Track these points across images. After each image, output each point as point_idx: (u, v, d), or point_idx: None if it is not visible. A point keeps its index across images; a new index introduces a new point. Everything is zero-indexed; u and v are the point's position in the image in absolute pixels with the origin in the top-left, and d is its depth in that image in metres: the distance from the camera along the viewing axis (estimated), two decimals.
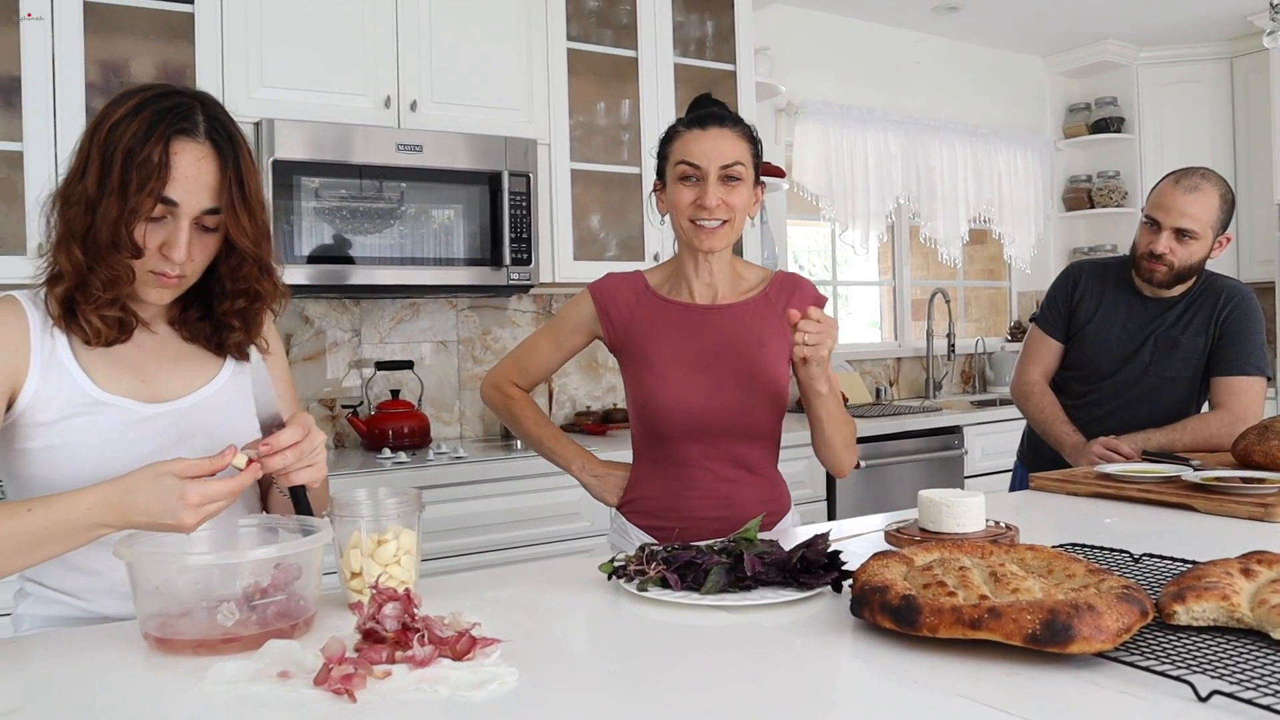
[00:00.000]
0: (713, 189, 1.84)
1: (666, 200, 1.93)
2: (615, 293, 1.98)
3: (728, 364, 1.90)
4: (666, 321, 1.94)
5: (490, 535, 3.04)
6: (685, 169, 1.86)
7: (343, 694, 0.98)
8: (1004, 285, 5.85)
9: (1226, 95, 5.44)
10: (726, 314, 1.94)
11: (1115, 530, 1.70)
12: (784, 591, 1.28)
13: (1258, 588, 1.10)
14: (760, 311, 1.95)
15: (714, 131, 1.87)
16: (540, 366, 2.08)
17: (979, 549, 1.25)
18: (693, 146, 1.86)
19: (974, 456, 4.26)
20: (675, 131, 1.92)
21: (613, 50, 3.74)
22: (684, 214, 1.87)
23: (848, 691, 1.04)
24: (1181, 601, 1.08)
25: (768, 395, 1.91)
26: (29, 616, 1.44)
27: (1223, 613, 1.06)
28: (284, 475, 1.30)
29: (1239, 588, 1.09)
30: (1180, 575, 1.16)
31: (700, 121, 1.89)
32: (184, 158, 1.30)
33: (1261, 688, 0.90)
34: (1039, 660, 1.00)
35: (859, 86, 4.95)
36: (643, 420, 1.95)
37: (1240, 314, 2.56)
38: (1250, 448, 2.13)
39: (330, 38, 3.14)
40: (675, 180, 1.88)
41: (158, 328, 1.46)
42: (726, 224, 1.86)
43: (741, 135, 1.89)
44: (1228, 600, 1.07)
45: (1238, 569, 1.14)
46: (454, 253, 3.29)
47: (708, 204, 1.84)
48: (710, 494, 1.92)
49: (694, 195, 1.85)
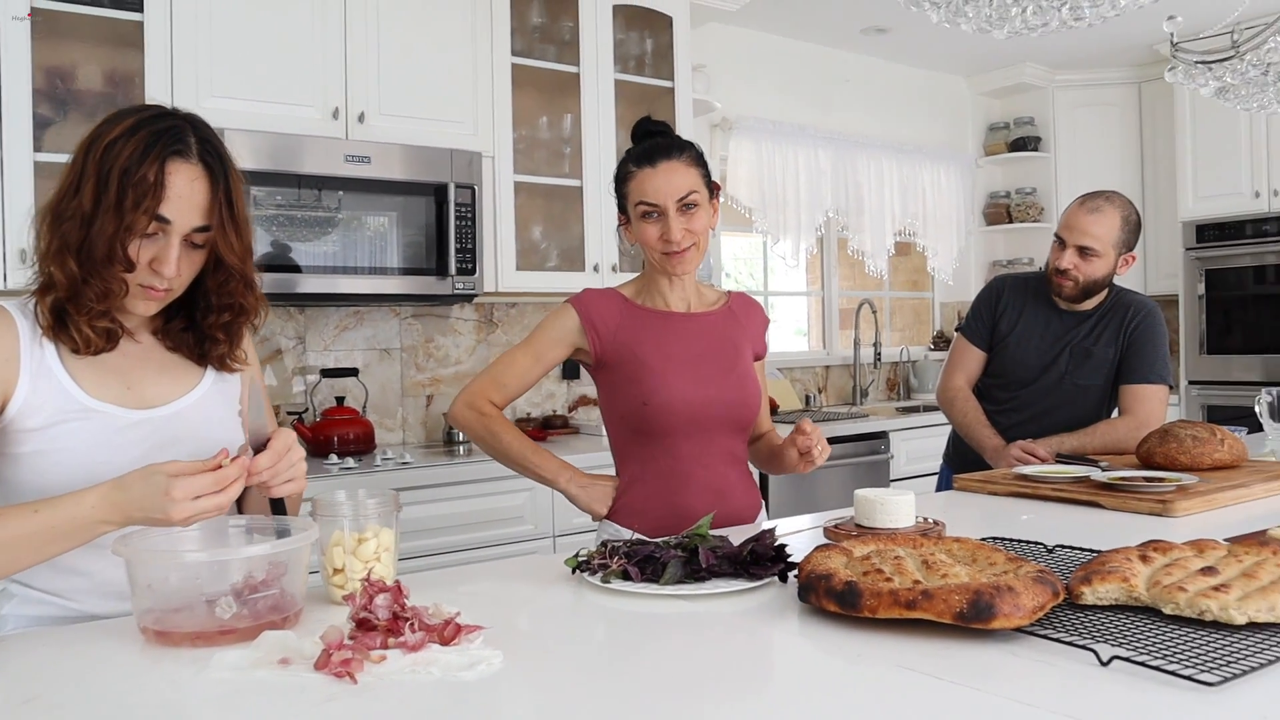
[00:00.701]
0: (674, 223, 1.96)
1: (633, 233, 2.04)
2: (599, 304, 2.06)
3: (715, 362, 2.04)
4: (654, 327, 2.04)
5: (436, 539, 3.11)
6: (645, 208, 1.98)
7: (344, 676, 1.07)
8: (927, 296, 6.07)
9: (1135, 117, 5.72)
10: (704, 320, 2.09)
11: (1032, 525, 1.85)
12: (735, 582, 1.40)
13: (1153, 571, 1.25)
14: (729, 320, 2.11)
15: (663, 167, 1.97)
16: (519, 381, 2.11)
17: (911, 541, 1.38)
18: (647, 186, 1.97)
19: (899, 460, 4.44)
20: (628, 171, 2.02)
21: (555, 66, 3.85)
22: (654, 248, 1.99)
23: (798, 666, 1.16)
24: (1088, 584, 1.22)
25: (751, 392, 2.07)
26: (14, 617, 1.49)
27: (1123, 593, 1.21)
28: (267, 488, 1.38)
29: (1137, 572, 1.24)
30: (1087, 562, 1.30)
31: (649, 158, 1.99)
32: (178, 178, 1.38)
33: (1153, 652, 1.04)
34: (966, 635, 1.13)
35: (791, 104, 5.12)
36: (642, 421, 2.01)
37: (1146, 327, 2.76)
38: (1152, 450, 2.32)
39: (279, 49, 3.20)
40: (638, 218, 2.00)
41: (141, 337, 1.53)
42: (693, 247, 1.99)
43: (690, 162, 2.00)
44: (1127, 582, 1.21)
45: (1136, 556, 1.29)
46: (401, 262, 3.37)
47: (673, 238, 1.96)
48: (706, 488, 2.02)
49: (658, 230, 1.97)
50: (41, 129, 2.97)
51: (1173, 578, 1.20)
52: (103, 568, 1.43)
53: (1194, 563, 1.26)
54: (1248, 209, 5.05)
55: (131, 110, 1.43)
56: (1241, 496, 2.04)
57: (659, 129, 2.08)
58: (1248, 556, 1.28)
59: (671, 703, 1.00)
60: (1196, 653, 1.04)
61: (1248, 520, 1.84)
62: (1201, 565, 1.23)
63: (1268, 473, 2.21)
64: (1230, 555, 1.29)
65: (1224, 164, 5.14)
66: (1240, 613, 1.11)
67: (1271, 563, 1.24)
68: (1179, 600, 1.15)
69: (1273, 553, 1.29)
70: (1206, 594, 1.14)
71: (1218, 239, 5.16)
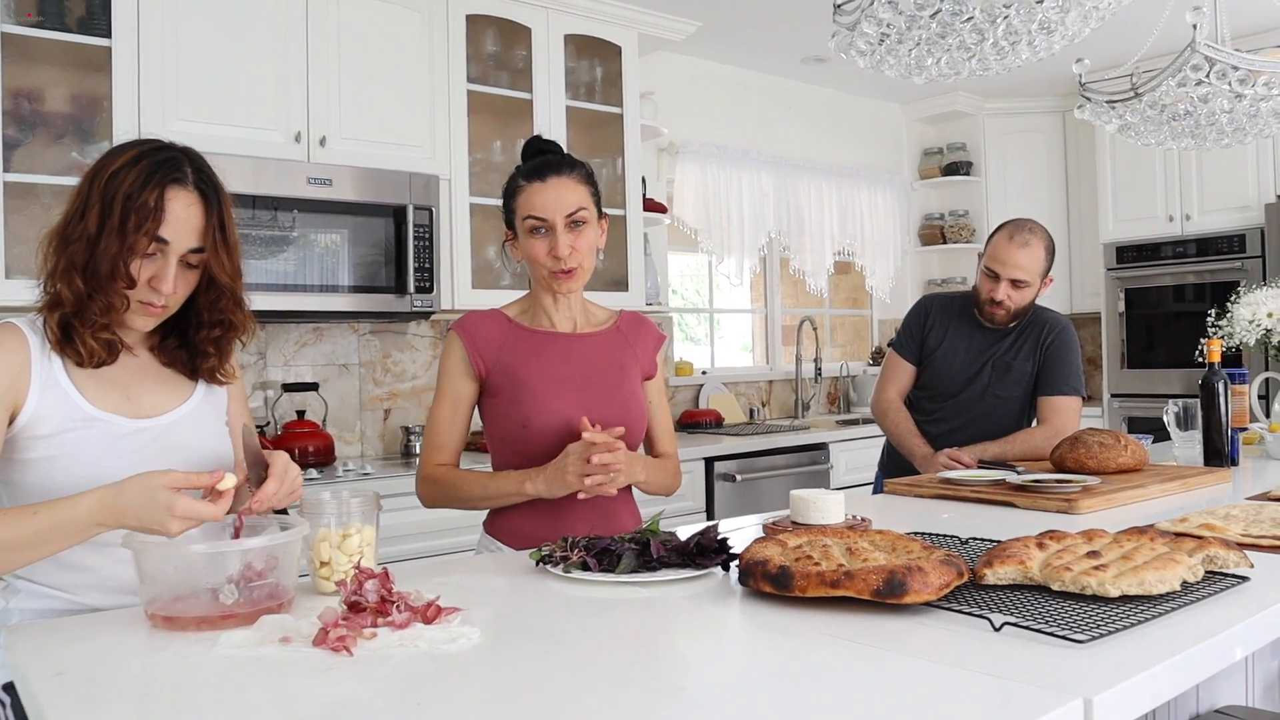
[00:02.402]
0: (562, 239, 1.96)
1: (520, 249, 2.03)
2: (479, 327, 2.04)
3: (598, 384, 2.03)
4: (536, 347, 2.04)
5: (397, 547, 3.24)
6: (533, 223, 1.97)
7: (340, 650, 1.21)
8: (866, 313, 6.30)
9: (1059, 144, 6.02)
10: (589, 341, 2.09)
11: (952, 523, 2.04)
12: (683, 571, 1.56)
13: (1047, 556, 1.44)
14: (615, 341, 2.12)
15: (553, 182, 1.97)
16: (450, 432, 2.06)
17: (839, 534, 1.56)
18: (535, 200, 1.97)
19: (839, 470, 4.65)
20: (517, 185, 2.01)
21: (509, 92, 4.02)
22: (541, 264, 1.99)
23: (738, 637, 1.33)
24: (989, 566, 1.41)
25: (636, 414, 2.06)
26: (19, 610, 1.61)
27: (1019, 574, 1.39)
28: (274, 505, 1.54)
29: (1033, 556, 1.43)
30: (991, 549, 1.49)
31: (539, 173, 1.98)
32: (176, 203, 1.53)
33: (1037, 619, 1.23)
34: (883, 609, 1.30)
35: (735, 129, 5.33)
36: (523, 442, 2.00)
37: (1060, 342, 2.98)
38: (1064, 455, 2.53)
39: (244, 75, 3.33)
40: (525, 233, 1.99)
41: (139, 352, 1.67)
42: (579, 267, 2.00)
43: (580, 179, 2.01)
44: (1023, 565, 1.40)
45: (1034, 543, 1.47)
46: (360, 281, 3.50)
47: (560, 254, 1.96)
48: (589, 509, 1.99)
49: (546, 246, 1.97)
50: (10, 150, 3.07)
51: (1062, 560, 1.39)
52: (106, 564, 1.57)
53: (1082, 548, 1.45)
54: (1163, 232, 5.35)
55: (133, 143, 1.57)
56: (1139, 496, 2.25)
57: (550, 147, 2.08)
58: (1128, 543, 1.48)
59: (627, 667, 1.17)
60: (1073, 619, 1.23)
61: (1144, 517, 2.04)
62: (1088, 550, 1.42)
63: (1165, 475, 2.42)
64: (1114, 542, 1.48)
65: (1141, 190, 5.44)
66: (1114, 586, 1.30)
67: (1147, 547, 1.44)
68: (1064, 578, 1.34)
69: (1149, 539, 1.49)
70: (1088, 572, 1.33)
71: (1136, 260, 5.45)
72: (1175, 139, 2.88)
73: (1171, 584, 1.32)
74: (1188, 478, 2.41)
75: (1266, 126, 2.80)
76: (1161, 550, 1.43)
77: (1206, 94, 2.63)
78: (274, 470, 1.52)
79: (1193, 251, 5.24)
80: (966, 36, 1.82)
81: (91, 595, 1.59)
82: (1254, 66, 2.59)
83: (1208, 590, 1.37)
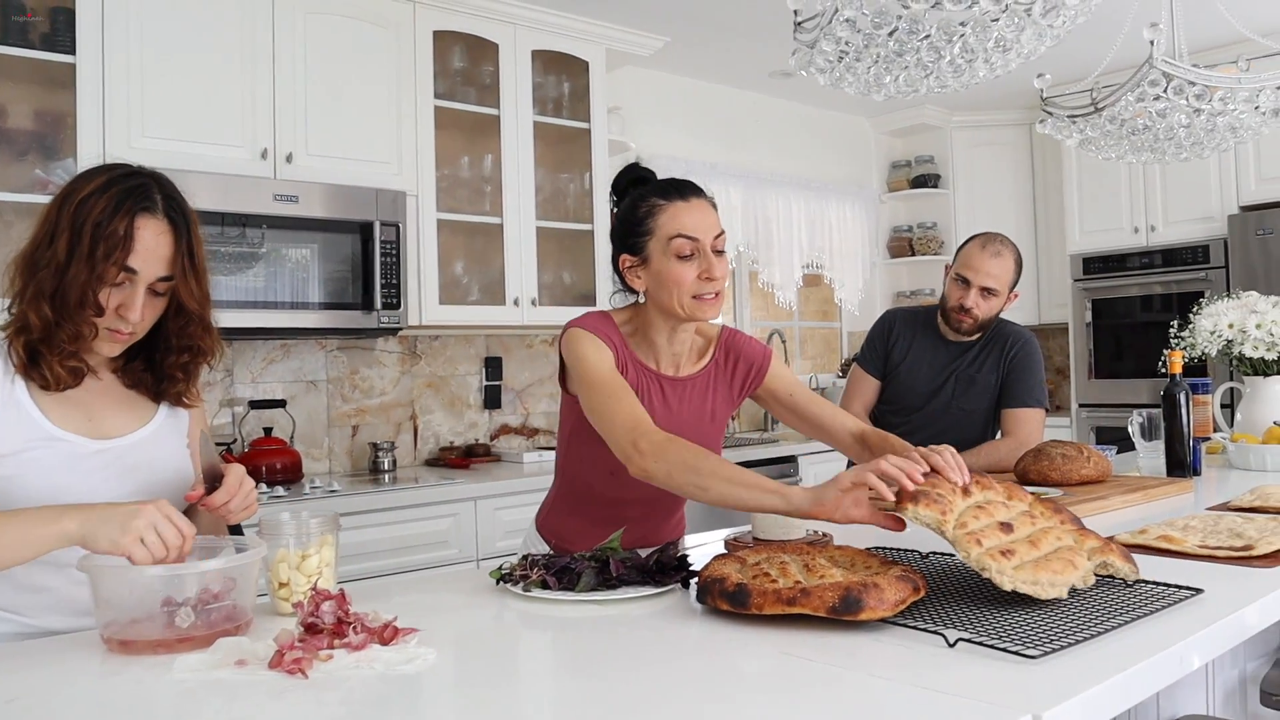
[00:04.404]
0: (714, 260, 1.83)
1: (651, 275, 1.87)
2: (611, 339, 1.90)
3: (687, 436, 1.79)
4: (644, 389, 1.92)
5: (364, 564, 3.22)
6: (684, 243, 1.82)
7: (296, 673, 1.21)
8: (836, 326, 6.33)
9: (1026, 157, 6.08)
10: (689, 387, 1.99)
11: (914, 537, 2.04)
12: (643, 589, 1.56)
13: (967, 507, 1.46)
14: (712, 381, 2.03)
15: (696, 203, 1.86)
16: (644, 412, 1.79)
17: (798, 549, 1.57)
18: (685, 219, 1.83)
19: (808, 483, 4.66)
20: (655, 205, 1.86)
21: (477, 108, 4.02)
22: (687, 289, 1.83)
23: (695, 655, 1.33)
24: (915, 502, 1.43)
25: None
26: None
27: (936, 522, 1.41)
28: (226, 517, 1.54)
29: (954, 506, 1.45)
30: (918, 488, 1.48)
31: (679, 191, 1.87)
32: (146, 232, 1.52)
33: (991, 634, 1.24)
34: (840, 626, 1.31)
35: (703, 143, 5.35)
36: (603, 483, 1.95)
37: (1024, 355, 3.01)
38: (1027, 468, 2.55)
39: (210, 91, 3.31)
40: (670, 256, 1.83)
41: (103, 374, 1.66)
42: (720, 293, 1.87)
43: (712, 204, 1.91)
44: (944, 515, 1.42)
45: (961, 489, 1.50)
46: (327, 297, 3.49)
47: (715, 275, 1.83)
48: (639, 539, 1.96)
49: (696, 269, 1.83)
50: None
51: (979, 522, 1.42)
52: (63, 584, 1.55)
53: (999, 511, 1.48)
54: (1129, 243, 5.41)
55: (103, 168, 1.57)
56: (1101, 508, 2.27)
57: (651, 175, 1.98)
58: (1041, 520, 1.51)
59: (580, 687, 1.17)
60: (1026, 633, 1.24)
61: (1105, 528, 2.04)
62: (1004, 518, 1.45)
63: (1127, 486, 2.45)
64: (1028, 513, 1.51)
65: (1107, 201, 5.50)
66: (1010, 580, 1.32)
67: (1055, 533, 1.47)
68: (972, 552, 1.36)
69: (1061, 522, 1.51)
70: (993, 554, 1.35)
71: (1103, 271, 5.51)
72: (1135, 153, 2.92)
73: (1061, 590, 1.35)
74: (1150, 488, 2.44)
75: (1224, 141, 2.85)
76: (1066, 542, 1.45)
77: (1164, 109, 2.67)
78: (227, 481, 1.53)
79: (1158, 262, 5.30)
80: (924, 55, 1.84)
81: (48, 617, 1.58)
82: (1210, 82, 2.63)
83: (1162, 603, 1.39)
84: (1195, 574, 1.59)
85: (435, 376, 4.23)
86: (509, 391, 4.46)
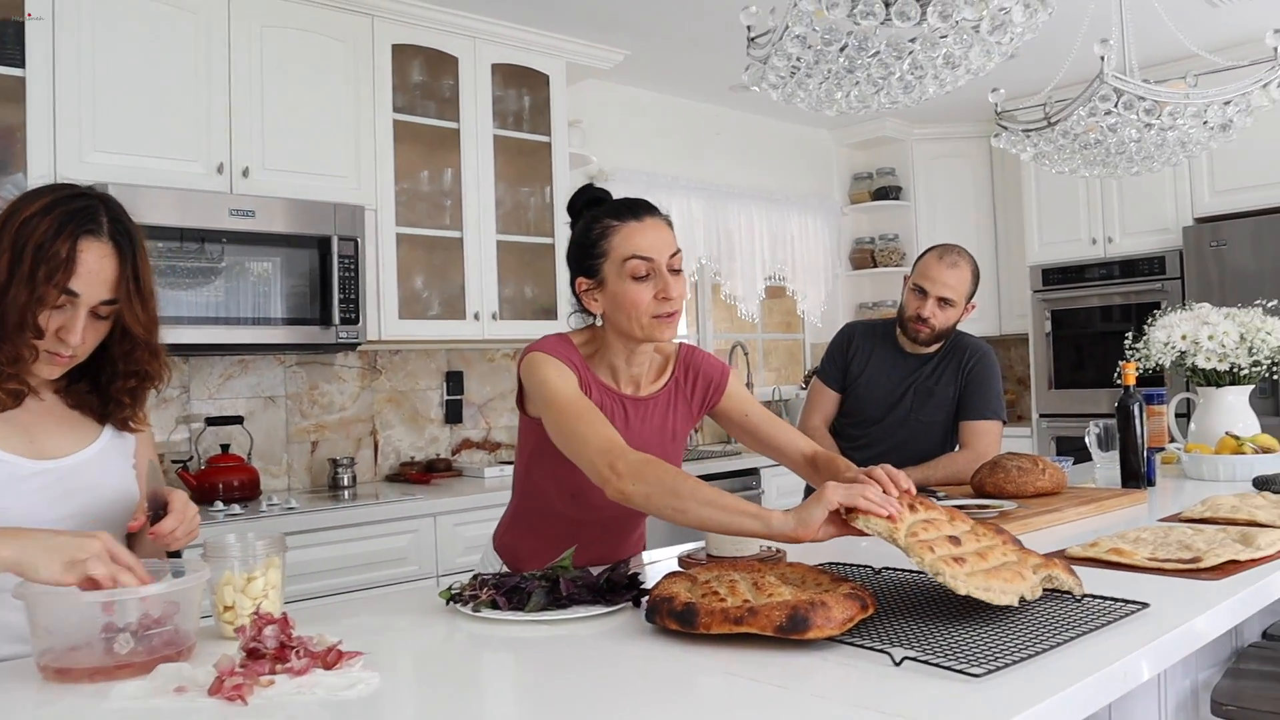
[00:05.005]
0: (670, 280, 1.82)
1: (607, 298, 1.85)
2: (573, 361, 1.88)
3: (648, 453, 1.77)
4: (608, 409, 1.90)
5: (323, 581, 3.19)
6: (639, 264, 1.81)
7: (236, 700, 1.19)
8: (799, 337, 6.35)
9: (986, 169, 6.13)
10: (650, 406, 1.98)
11: (869, 551, 2.05)
12: (594, 608, 1.55)
13: (915, 520, 1.48)
14: (673, 399, 2.01)
15: (650, 222, 1.85)
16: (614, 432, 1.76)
17: (749, 567, 1.56)
18: (639, 240, 1.82)
19: (770, 495, 4.67)
20: (609, 226, 1.84)
21: (436, 122, 4.01)
22: (645, 310, 1.82)
23: (642, 676, 1.32)
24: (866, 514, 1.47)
25: None
26: None
27: (887, 530, 1.44)
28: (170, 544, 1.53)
29: (904, 517, 1.48)
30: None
31: (632, 211, 1.85)
32: (89, 255, 1.49)
33: (936, 652, 1.24)
34: (787, 645, 1.31)
35: (664, 155, 5.35)
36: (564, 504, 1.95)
37: (981, 368, 3.03)
38: (983, 480, 2.56)
39: (164, 105, 3.27)
40: (625, 277, 1.82)
41: (45, 395, 1.63)
42: (677, 312, 1.86)
43: (668, 223, 1.89)
44: (894, 522, 1.45)
45: (907, 505, 1.52)
46: (285, 312, 3.45)
47: (672, 294, 1.81)
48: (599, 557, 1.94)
49: (653, 289, 1.81)
50: None
51: (928, 534, 1.44)
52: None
53: (945, 528, 1.50)
54: (1087, 254, 5.47)
55: (48, 189, 1.54)
56: (1055, 520, 2.28)
57: (606, 195, 1.96)
58: (984, 538, 1.52)
59: (525, 709, 1.15)
60: (971, 651, 1.24)
61: (1059, 540, 2.06)
62: (950, 533, 1.47)
63: (1081, 498, 2.47)
64: (971, 532, 1.53)
65: (1065, 213, 5.55)
66: (965, 585, 1.34)
67: (999, 550, 1.48)
68: (925, 557, 1.37)
69: (1003, 541, 1.53)
70: (946, 561, 1.37)
71: (1062, 282, 5.56)
72: (1088, 167, 2.96)
73: (1012, 598, 1.36)
74: (1104, 500, 2.46)
75: (1173, 155, 2.88)
76: (1010, 559, 1.47)
77: (1115, 123, 2.70)
78: (173, 506, 1.52)
79: (1116, 273, 5.35)
80: (874, 71, 1.85)
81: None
82: (1159, 97, 2.66)
83: (1108, 617, 1.40)
84: (1145, 587, 1.60)
85: (395, 391, 4.20)
86: (470, 406, 4.44)
